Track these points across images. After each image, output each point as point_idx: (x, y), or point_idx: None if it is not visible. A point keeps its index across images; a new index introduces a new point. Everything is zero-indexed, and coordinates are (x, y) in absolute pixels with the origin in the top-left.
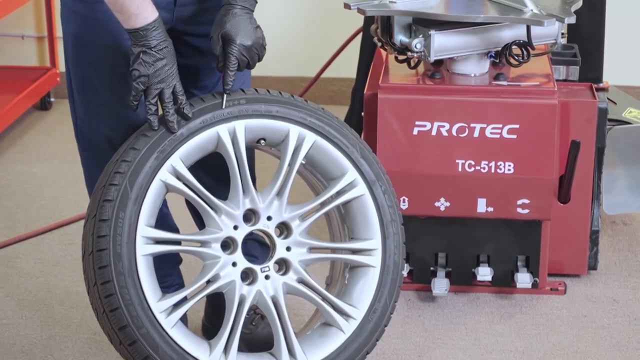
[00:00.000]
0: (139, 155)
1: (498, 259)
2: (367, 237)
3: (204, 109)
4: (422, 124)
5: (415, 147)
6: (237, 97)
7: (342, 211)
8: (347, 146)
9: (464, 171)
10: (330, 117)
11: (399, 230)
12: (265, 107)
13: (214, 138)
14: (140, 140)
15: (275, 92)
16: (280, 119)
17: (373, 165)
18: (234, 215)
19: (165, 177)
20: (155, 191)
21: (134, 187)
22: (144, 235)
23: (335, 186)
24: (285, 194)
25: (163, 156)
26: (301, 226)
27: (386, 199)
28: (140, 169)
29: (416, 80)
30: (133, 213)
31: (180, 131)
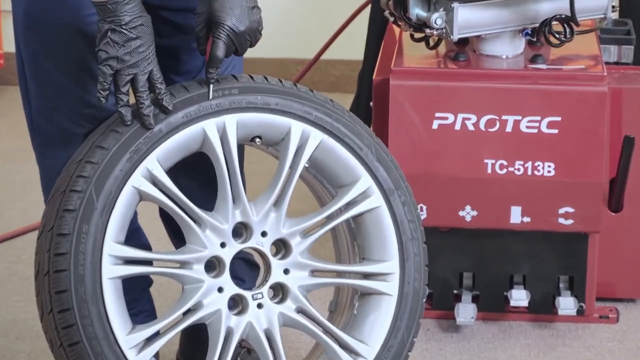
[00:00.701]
0: (108, 155)
1: (536, 280)
2: (382, 258)
3: (187, 100)
4: (444, 116)
5: (435, 144)
6: (228, 86)
7: (353, 226)
8: (360, 147)
9: (494, 173)
10: (341, 112)
11: (420, 250)
12: (262, 99)
13: (199, 135)
14: (109, 138)
15: (274, 79)
16: (280, 113)
17: (391, 171)
18: (222, 230)
19: (139, 183)
20: (127, 200)
21: (100, 195)
22: (112, 253)
23: (345, 196)
24: (284, 205)
25: (137, 157)
26: (302, 244)
27: (406, 212)
28: (108, 172)
29: (436, 63)
30: (99, 226)
31: (158, 127)
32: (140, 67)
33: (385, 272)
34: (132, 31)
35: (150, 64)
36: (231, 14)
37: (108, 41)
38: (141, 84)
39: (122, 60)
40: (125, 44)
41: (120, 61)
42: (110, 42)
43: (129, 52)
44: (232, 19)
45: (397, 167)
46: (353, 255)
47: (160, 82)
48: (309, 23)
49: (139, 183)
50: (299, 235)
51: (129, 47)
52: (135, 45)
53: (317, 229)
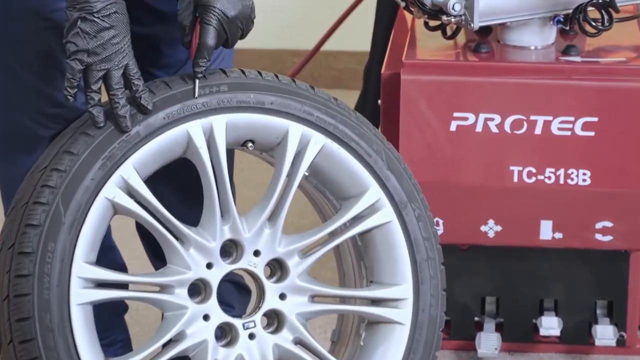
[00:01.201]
0: (77, 162)
1: (569, 306)
2: (393, 281)
3: (169, 98)
4: (463, 116)
5: (453, 149)
6: (216, 82)
7: (359, 244)
8: (368, 153)
9: (521, 182)
10: (346, 112)
11: (437, 272)
12: (255, 97)
13: (183, 139)
14: (78, 142)
15: (269, 74)
16: (276, 113)
17: (404, 181)
18: (208, 248)
19: (113, 194)
20: (99, 214)
21: (69, 208)
22: (82, 275)
23: (351, 209)
24: (280, 220)
25: (111, 164)
26: (301, 265)
27: (421, 228)
28: (78, 182)
29: (454, 55)
30: (67, 244)
31: (136, 129)
32: (114, 61)
33: (396, 298)
34: (105, 20)
35: (126, 57)
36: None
37: (77, 32)
38: (115, 81)
39: (94, 54)
40: (97, 35)
41: (92, 54)
42: (80, 33)
43: (102, 44)
44: (223, 2)
45: (410, 177)
46: (359, 278)
47: (137, 77)
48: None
49: (113, 194)
50: (297, 255)
51: (101, 38)
52: (108, 36)
53: (318, 247)
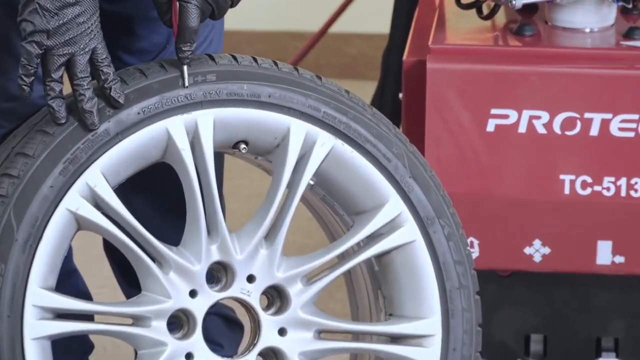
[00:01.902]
0: (33, 166)
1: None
2: (417, 314)
3: (144, 88)
4: (503, 114)
5: (490, 154)
6: (202, 70)
7: (376, 269)
8: (387, 157)
9: (573, 195)
10: (361, 107)
11: (471, 303)
12: (249, 88)
13: (161, 139)
14: (34, 141)
15: (267, 61)
16: (275, 108)
17: (431, 191)
18: (192, 272)
19: (76, 206)
20: (60, 229)
21: (22, 222)
22: (38, 304)
23: (366, 226)
24: (279, 238)
25: (73, 169)
26: (305, 294)
27: (451, 249)
28: (34, 190)
29: (491, 39)
30: (20, 266)
31: (104, 127)
32: (80, 44)
33: (421, 334)
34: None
35: (93, 40)
36: None
37: (35, 8)
38: (80, 68)
39: (55, 35)
40: (59, 12)
41: (52, 36)
42: (39, 10)
43: (64, 24)
44: None
45: (438, 186)
46: (376, 311)
47: (106, 64)
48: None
49: (76, 205)
50: (300, 281)
51: (63, 16)
52: (72, 13)
53: (326, 272)
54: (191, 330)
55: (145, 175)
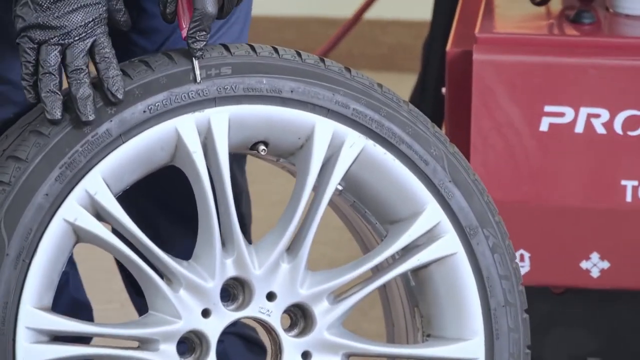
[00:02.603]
0: (26, 171)
1: None
2: (458, 335)
3: (150, 84)
4: (558, 111)
5: (543, 155)
6: (216, 63)
7: (413, 284)
8: (425, 160)
9: (636, 202)
10: (396, 104)
11: (519, 323)
12: (269, 83)
13: (170, 140)
14: (27, 143)
15: (290, 52)
16: (299, 105)
17: (474, 198)
18: (205, 289)
19: (74, 216)
20: (56, 242)
21: (14, 234)
22: (32, 325)
23: (401, 236)
24: (303, 251)
25: (71, 174)
26: (332, 313)
27: (497, 262)
28: (27, 198)
29: (545, 28)
30: (12, 283)
31: (105, 127)
32: (75, 35)
33: (462, 358)
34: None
35: (93, 31)
36: None
37: (27, 2)
38: (74, 58)
39: (48, 27)
40: (52, 6)
41: (45, 28)
42: (30, 4)
43: (59, 17)
44: None
45: (482, 192)
46: (413, 330)
47: (107, 56)
48: None
49: (74, 215)
50: (326, 299)
51: (57, 9)
52: (68, 7)
53: (356, 288)
54: (204, 354)
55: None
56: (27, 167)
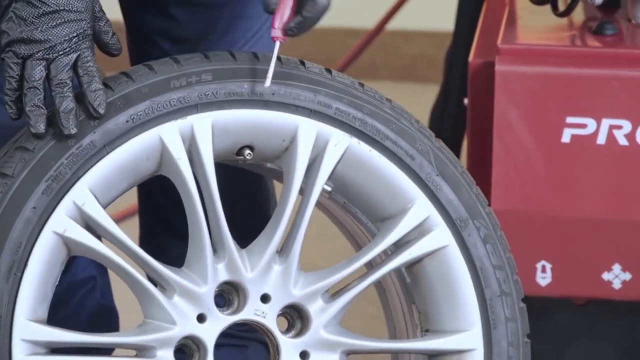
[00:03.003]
0: (13, 186)
1: None
2: (455, 327)
3: (131, 94)
4: (579, 123)
5: (565, 167)
6: (196, 70)
7: (408, 281)
8: (411, 155)
9: None
10: (378, 101)
11: (516, 312)
12: (250, 87)
13: (154, 149)
14: (13, 159)
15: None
16: (281, 107)
17: (462, 190)
18: (198, 294)
19: (63, 227)
20: (47, 254)
21: (4, 248)
22: (27, 337)
23: (392, 232)
24: (294, 252)
25: (58, 187)
26: (328, 311)
27: (489, 253)
28: (15, 212)
29: (568, 39)
30: (5, 297)
31: (89, 138)
32: (60, 50)
33: (461, 349)
34: (49, 1)
35: (77, 46)
36: None
37: (11, 17)
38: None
39: (33, 42)
40: (36, 21)
41: (29, 42)
42: (14, 19)
43: (43, 31)
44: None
45: (471, 184)
46: (412, 328)
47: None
48: None
49: (63, 227)
50: (320, 298)
51: (41, 24)
52: (53, 21)
53: (350, 285)
54: (202, 359)
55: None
56: (13, 183)
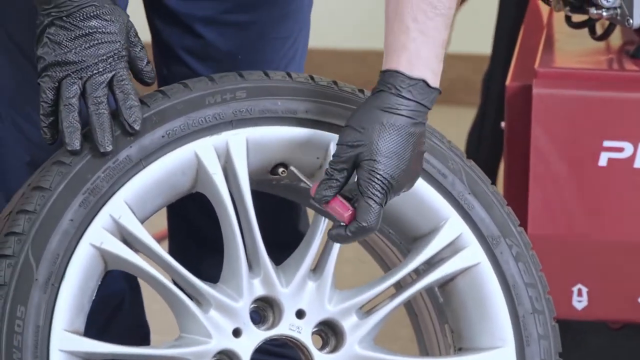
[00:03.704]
0: (50, 199)
1: None
2: (488, 344)
3: (167, 110)
4: (617, 147)
5: (603, 191)
6: (231, 87)
7: (441, 300)
8: (443, 173)
9: None
10: None
11: (549, 330)
12: (284, 104)
13: (190, 164)
14: (50, 173)
15: (303, 75)
16: (315, 124)
17: (494, 209)
18: (234, 309)
19: (99, 240)
20: (84, 266)
21: (42, 260)
22: (65, 348)
23: (424, 250)
24: (328, 269)
25: (95, 200)
26: (362, 327)
27: (521, 270)
28: (52, 225)
29: (605, 63)
30: (43, 307)
31: (126, 152)
32: (95, 69)
33: None
34: (81, 25)
35: (112, 65)
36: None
37: (46, 42)
38: (94, 89)
39: (68, 63)
40: (70, 44)
41: (65, 64)
42: (49, 44)
43: (78, 52)
44: (389, 160)
45: (502, 203)
46: (445, 346)
47: (125, 88)
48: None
49: (100, 239)
50: (355, 314)
51: (75, 47)
52: (88, 44)
53: (385, 302)
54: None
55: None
56: (51, 195)
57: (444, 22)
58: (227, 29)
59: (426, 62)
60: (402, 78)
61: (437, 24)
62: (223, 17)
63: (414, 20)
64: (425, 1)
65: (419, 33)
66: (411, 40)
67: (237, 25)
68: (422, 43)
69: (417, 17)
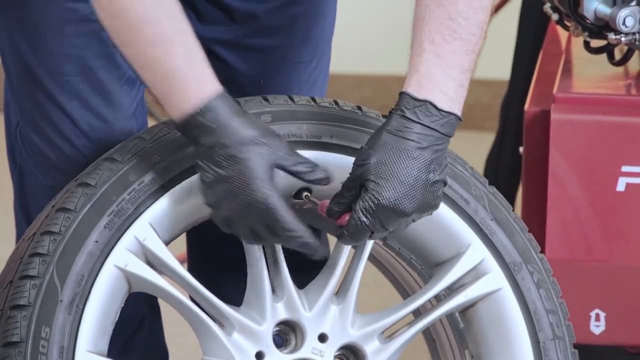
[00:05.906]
0: (75, 221)
1: None
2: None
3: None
4: (635, 171)
5: (621, 215)
6: (256, 111)
7: (462, 326)
8: (465, 199)
9: None
10: None
11: (569, 356)
12: (308, 128)
13: None
14: (75, 195)
15: (327, 100)
16: (339, 149)
17: (515, 235)
18: (257, 332)
19: (124, 262)
20: (109, 287)
21: (67, 281)
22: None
23: (446, 275)
24: (351, 293)
25: (120, 222)
26: (384, 352)
27: (542, 297)
28: (77, 246)
29: (624, 88)
30: (67, 329)
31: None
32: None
33: None
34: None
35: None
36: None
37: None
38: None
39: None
40: (219, 184)
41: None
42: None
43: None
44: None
45: (523, 230)
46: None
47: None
48: None
49: (124, 261)
50: (377, 339)
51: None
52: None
53: (407, 327)
54: None
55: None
56: (76, 217)
57: (463, 47)
58: (248, 53)
59: (436, 84)
60: (408, 99)
61: (454, 48)
62: (245, 41)
63: (431, 43)
64: (446, 25)
65: (434, 55)
66: (424, 62)
67: (259, 49)
68: (435, 65)
69: (434, 40)
